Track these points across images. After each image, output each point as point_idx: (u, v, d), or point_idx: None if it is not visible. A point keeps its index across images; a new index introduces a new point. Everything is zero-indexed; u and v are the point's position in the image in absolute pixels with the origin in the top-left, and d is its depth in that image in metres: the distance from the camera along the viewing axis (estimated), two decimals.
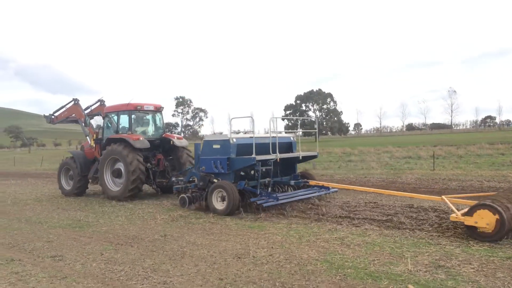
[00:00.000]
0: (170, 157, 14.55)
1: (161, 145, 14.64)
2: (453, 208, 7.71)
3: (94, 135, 15.19)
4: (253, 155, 10.29)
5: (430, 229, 7.87)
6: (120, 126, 14.10)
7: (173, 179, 13.01)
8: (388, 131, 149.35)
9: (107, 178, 13.72)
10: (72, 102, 16.38)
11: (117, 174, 13.50)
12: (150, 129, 14.71)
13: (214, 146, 11.07)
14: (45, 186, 18.71)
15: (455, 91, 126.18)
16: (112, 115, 14.32)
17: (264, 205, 9.84)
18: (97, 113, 16.02)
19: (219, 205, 10.37)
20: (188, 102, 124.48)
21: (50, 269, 6.28)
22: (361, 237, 7.46)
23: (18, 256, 7.06)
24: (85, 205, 12.45)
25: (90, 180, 14.95)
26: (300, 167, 13.89)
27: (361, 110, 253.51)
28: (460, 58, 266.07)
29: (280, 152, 10.97)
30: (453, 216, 7.30)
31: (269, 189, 11.19)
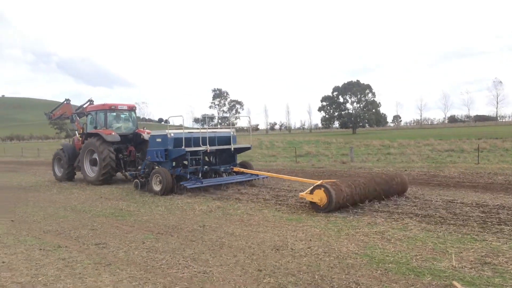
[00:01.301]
0: (141, 149, 16.56)
1: (134, 139, 17.06)
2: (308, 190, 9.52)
3: (81, 130, 17.98)
4: (183, 147, 12.83)
5: (474, 224, 7.59)
6: (98, 123, 16.56)
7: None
8: (429, 123, 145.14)
9: (86, 166, 16.38)
10: (65, 102, 19.69)
11: (93, 162, 16.06)
12: (124, 126, 17.17)
13: (157, 140, 13.37)
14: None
15: (500, 82, 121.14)
16: (92, 113, 16.94)
17: (188, 186, 12.26)
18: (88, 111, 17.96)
19: (157, 187, 12.72)
20: (225, 94, 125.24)
21: (95, 256, 6.51)
22: (402, 231, 7.29)
23: (65, 243, 7.34)
24: (126, 195, 12.80)
25: (76, 168, 17.43)
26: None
27: (400, 102, 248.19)
28: (507, 47, 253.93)
29: (219, 145, 13.85)
30: (301, 194, 9.68)
31: (200, 174, 13.41)
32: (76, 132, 18.81)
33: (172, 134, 13.07)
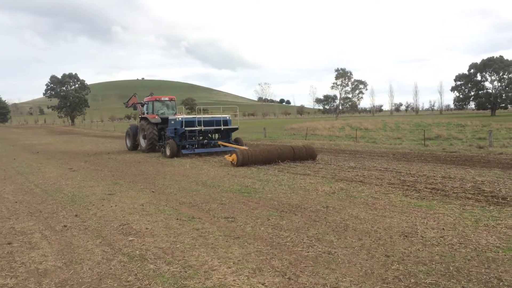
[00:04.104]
0: None
1: None
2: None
3: (142, 115, 24.15)
4: (183, 127, 18.84)
5: None
6: (149, 110, 23.12)
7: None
8: None
9: (141, 139, 22.78)
10: (133, 95, 27.41)
11: (144, 137, 22.24)
12: (166, 112, 23.25)
13: (172, 122, 19.69)
14: (218, 155, 20.47)
15: None
16: (147, 103, 23.62)
17: (183, 152, 18.71)
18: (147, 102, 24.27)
19: (168, 152, 18.74)
20: (348, 74, 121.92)
21: (225, 228, 6.90)
22: None
23: (198, 215, 7.92)
24: (251, 173, 13.33)
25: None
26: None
27: None
28: None
29: (217, 126, 19.86)
30: (225, 156, 15.87)
31: (196, 145, 19.41)
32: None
33: (179, 118, 19.12)
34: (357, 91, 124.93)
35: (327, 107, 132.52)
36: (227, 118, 20.37)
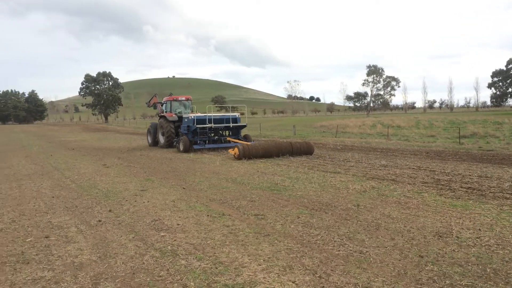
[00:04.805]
0: None
1: None
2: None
3: (161, 113, 25.55)
4: (195, 124, 20.44)
5: None
6: (167, 109, 24.79)
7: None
8: None
9: (160, 136, 24.40)
10: (154, 95, 29.08)
11: (163, 134, 23.80)
12: (183, 110, 24.75)
13: (185, 120, 21.63)
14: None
15: None
16: (165, 102, 25.33)
17: (195, 147, 20.34)
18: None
19: (181, 147, 20.32)
20: (380, 71, 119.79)
21: (255, 226, 6.92)
22: None
23: (228, 212, 7.97)
24: (280, 171, 13.30)
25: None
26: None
27: None
28: None
29: (227, 123, 21.18)
30: (230, 150, 17.32)
31: (207, 141, 21.12)
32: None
33: (192, 116, 20.80)
34: (389, 88, 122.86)
35: (357, 104, 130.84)
36: (236, 116, 21.97)
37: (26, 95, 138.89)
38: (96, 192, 10.39)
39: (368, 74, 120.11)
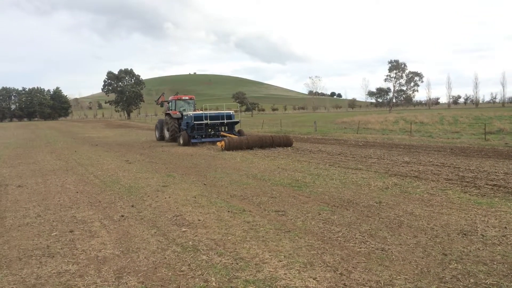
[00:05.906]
0: None
1: None
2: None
3: (167, 111, 27.60)
4: (193, 121, 22.48)
5: None
6: (172, 107, 26.96)
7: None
8: None
9: (165, 131, 26.77)
10: (162, 94, 32.30)
11: (168, 129, 26.08)
12: (187, 108, 26.98)
13: (185, 117, 23.89)
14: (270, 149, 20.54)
15: None
16: (170, 101, 27.65)
17: (192, 141, 22.25)
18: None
19: (181, 141, 22.50)
20: (403, 66, 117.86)
21: (275, 222, 6.91)
22: None
23: (249, 208, 7.98)
24: (301, 167, 13.25)
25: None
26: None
27: None
28: None
29: (221, 120, 23.18)
30: (218, 143, 19.83)
31: (203, 135, 22.96)
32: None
33: (190, 114, 22.93)
34: (412, 83, 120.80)
35: (380, 100, 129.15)
36: (231, 113, 23.90)
37: (51, 92, 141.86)
38: (119, 188, 10.56)
39: (390, 70, 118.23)
